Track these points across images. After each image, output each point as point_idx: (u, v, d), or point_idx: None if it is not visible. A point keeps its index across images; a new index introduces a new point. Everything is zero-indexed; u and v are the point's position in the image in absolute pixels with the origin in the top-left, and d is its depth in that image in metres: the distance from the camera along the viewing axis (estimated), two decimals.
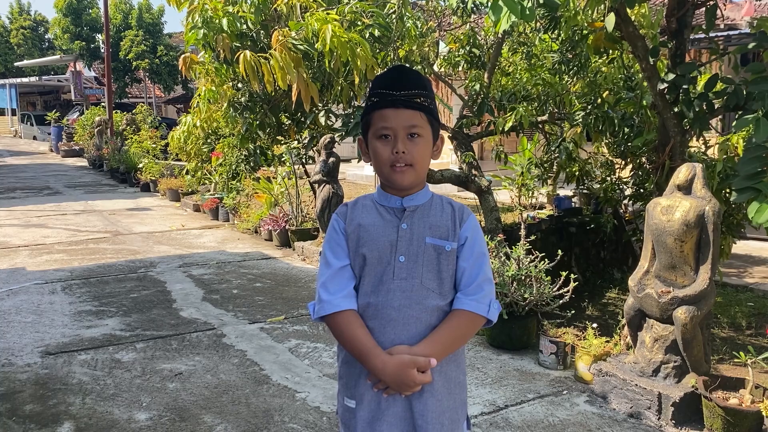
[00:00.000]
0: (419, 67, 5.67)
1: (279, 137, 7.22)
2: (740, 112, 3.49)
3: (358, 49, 4.52)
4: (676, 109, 4.00)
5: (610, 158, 6.01)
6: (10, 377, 4.05)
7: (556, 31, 5.34)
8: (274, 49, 4.60)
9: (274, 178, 9.08)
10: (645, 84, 4.88)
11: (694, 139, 4.73)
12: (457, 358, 1.82)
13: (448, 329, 1.73)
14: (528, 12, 3.13)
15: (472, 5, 5.63)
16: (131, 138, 15.49)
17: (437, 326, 1.74)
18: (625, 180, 5.85)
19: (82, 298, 5.76)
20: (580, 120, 5.21)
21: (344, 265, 1.77)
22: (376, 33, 4.98)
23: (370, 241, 1.75)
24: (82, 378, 4.04)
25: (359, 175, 13.79)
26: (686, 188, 3.48)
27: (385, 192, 1.79)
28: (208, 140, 9.87)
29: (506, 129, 5.40)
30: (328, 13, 4.62)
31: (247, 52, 4.72)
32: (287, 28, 4.82)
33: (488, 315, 1.77)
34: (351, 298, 1.75)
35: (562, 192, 7.90)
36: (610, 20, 3.95)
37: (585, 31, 5.11)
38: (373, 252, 1.74)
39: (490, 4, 3.12)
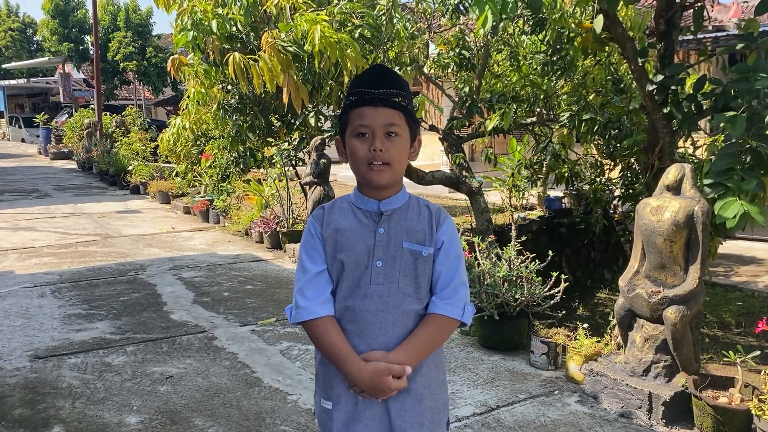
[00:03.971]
0: (409, 68, 5.68)
1: (269, 139, 7.21)
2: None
3: (348, 50, 4.52)
4: (665, 110, 4.02)
5: (600, 159, 6.04)
6: None
7: (542, 33, 5.37)
8: (263, 51, 4.59)
9: (264, 179, 9.06)
10: (634, 86, 4.92)
11: (683, 140, 4.77)
12: (436, 358, 1.82)
13: (422, 334, 1.74)
14: (510, 7, 3.15)
15: (457, 3, 5.64)
16: (121, 140, 15.42)
17: (412, 331, 1.74)
18: (614, 181, 5.88)
19: (72, 301, 5.72)
20: (566, 122, 5.24)
21: (321, 270, 1.76)
22: (367, 34, 4.98)
23: (348, 246, 1.74)
24: (71, 382, 4.01)
25: (350, 177, 13.77)
26: (675, 189, 3.50)
27: (362, 194, 1.78)
28: (198, 142, 9.84)
29: (490, 129, 5.41)
30: (317, 14, 4.61)
31: (237, 54, 4.71)
32: (277, 30, 4.82)
33: (462, 318, 1.77)
34: (328, 303, 1.75)
35: (552, 193, 7.93)
36: (599, 22, 3.98)
37: (572, 33, 5.14)
38: (351, 257, 1.73)
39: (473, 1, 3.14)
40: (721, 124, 3.38)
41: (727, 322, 4.99)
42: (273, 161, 8.30)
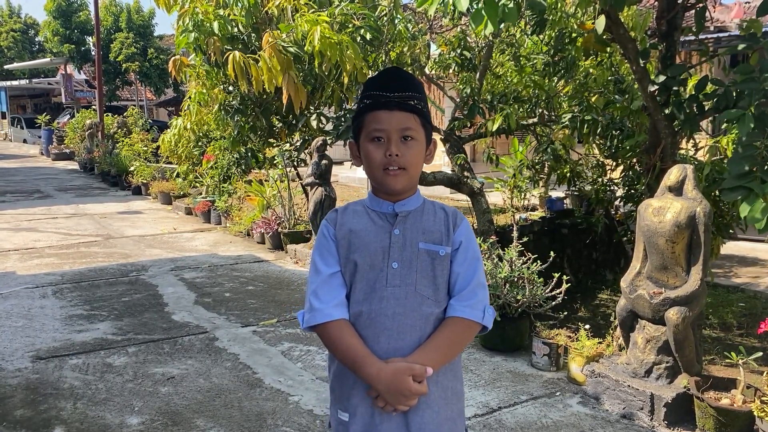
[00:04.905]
0: (410, 69, 5.68)
1: (270, 140, 7.22)
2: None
3: (348, 51, 4.52)
4: (666, 111, 4.02)
5: (601, 160, 6.02)
6: (0, 382, 4.02)
7: (544, 33, 5.36)
8: (263, 51, 4.59)
9: (266, 180, 9.07)
10: (636, 86, 4.91)
11: (685, 141, 4.76)
12: (453, 367, 1.75)
13: (443, 337, 1.67)
14: (509, 13, 3.15)
15: (452, 10, 5.63)
16: (122, 141, 15.44)
17: (432, 334, 1.68)
18: (616, 181, 5.86)
19: (74, 302, 5.72)
20: (568, 123, 5.23)
21: (335, 272, 1.71)
22: (367, 36, 4.98)
23: (362, 246, 1.69)
24: (73, 383, 4.01)
25: (352, 178, 13.79)
26: (677, 189, 3.50)
27: (377, 197, 1.74)
28: (199, 143, 9.84)
29: (494, 130, 5.41)
30: (318, 15, 4.62)
31: (237, 53, 4.71)
32: (278, 30, 4.82)
33: (483, 321, 1.72)
34: (343, 306, 1.69)
35: (554, 194, 7.92)
36: (601, 22, 3.97)
37: (573, 34, 5.13)
38: (365, 258, 1.69)
39: (471, 13, 3.12)
40: (723, 126, 3.37)
41: (729, 324, 4.98)
42: (274, 162, 8.31)
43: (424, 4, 3.26)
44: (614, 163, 5.71)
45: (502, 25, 5.82)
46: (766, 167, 3.20)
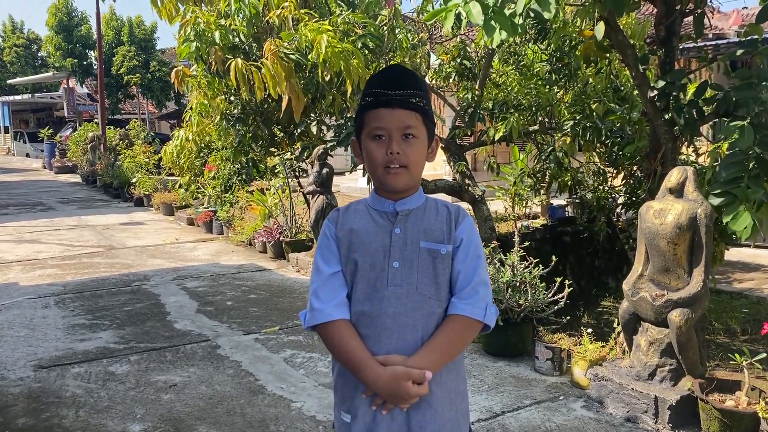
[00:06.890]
0: None
1: (272, 149, 7.24)
2: (729, 119, 3.54)
3: (353, 60, 4.55)
4: (666, 116, 4.03)
5: (602, 167, 6.03)
6: (2, 391, 4.02)
7: (545, 42, 5.40)
8: (266, 58, 4.63)
9: (267, 190, 9.09)
10: (635, 93, 4.93)
11: (685, 146, 4.77)
12: (456, 367, 1.74)
13: (443, 337, 1.66)
14: (519, 28, 3.17)
15: (466, 24, 5.68)
16: (124, 153, 15.50)
17: (432, 334, 1.66)
18: (617, 188, 5.87)
19: (76, 311, 5.72)
20: (569, 130, 5.24)
21: (336, 271, 1.70)
22: (370, 44, 5.02)
23: (362, 246, 1.69)
24: (75, 391, 4.01)
25: (353, 188, 13.80)
26: (678, 191, 3.50)
27: (379, 196, 1.74)
28: (201, 154, 9.87)
29: (497, 138, 5.42)
30: (321, 24, 4.66)
31: (239, 60, 4.75)
32: (279, 39, 4.86)
33: (484, 320, 1.69)
34: (343, 306, 1.68)
35: (555, 201, 7.93)
36: (600, 29, 4.00)
37: (574, 42, 5.16)
38: (366, 258, 1.68)
39: (482, 23, 3.13)
40: (728, 134, 3.38)
41: (732, 329, 4.96)
42: (276, 171, 8.33)
43: (436, 17, 3.25)
44: (615, 171, 5.72)
45: (505, 35, 5.85)
46: (753, 174, 3.23)
